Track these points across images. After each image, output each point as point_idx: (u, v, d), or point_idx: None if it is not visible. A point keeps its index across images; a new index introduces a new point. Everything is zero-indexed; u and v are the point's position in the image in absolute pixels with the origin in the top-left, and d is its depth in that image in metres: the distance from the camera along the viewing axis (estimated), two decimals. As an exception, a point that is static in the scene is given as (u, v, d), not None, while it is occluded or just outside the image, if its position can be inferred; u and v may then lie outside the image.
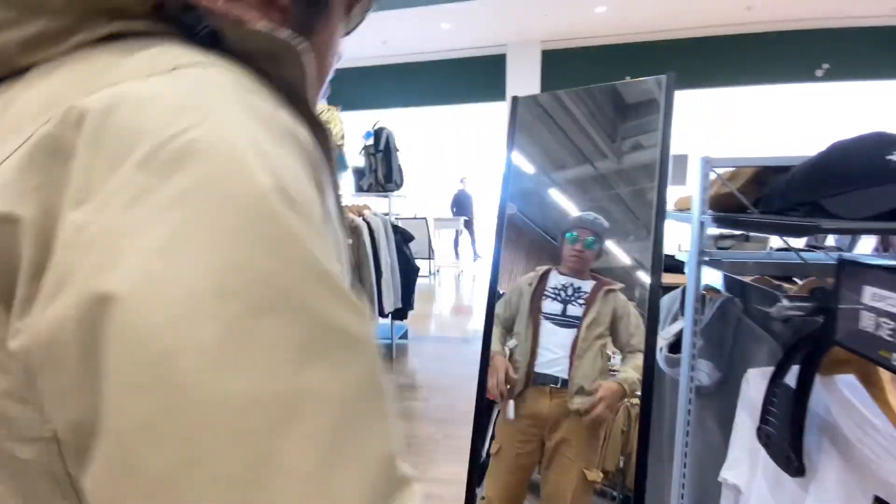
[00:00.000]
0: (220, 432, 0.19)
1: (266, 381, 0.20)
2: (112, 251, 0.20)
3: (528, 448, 1.46)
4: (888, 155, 0.62)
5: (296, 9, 0.37)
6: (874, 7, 4.99)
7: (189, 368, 0.19)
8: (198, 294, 0.20)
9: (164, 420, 0.19)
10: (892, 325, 0.49)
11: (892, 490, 0.57)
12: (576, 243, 1.33)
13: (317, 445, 0.20)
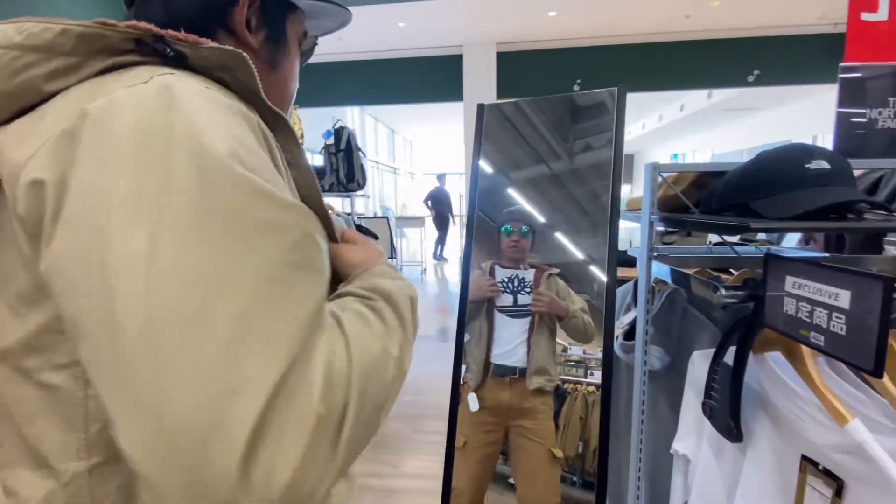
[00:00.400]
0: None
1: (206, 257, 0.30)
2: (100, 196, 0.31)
3: (492, 438, 1.53)
4: (807, 164, 0.72)
5: (264, 49, 0.49)
6: (800, 16, 5.44)
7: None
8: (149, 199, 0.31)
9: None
10: (809, 308, 0.59)
11: (815, 448, 0.68)
12: (511, 234, 1.44)
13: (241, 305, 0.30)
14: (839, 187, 0.69)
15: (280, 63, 0.52)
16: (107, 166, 0.31)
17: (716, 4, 5.14)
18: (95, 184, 0.31)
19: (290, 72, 0.54)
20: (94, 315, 0.29)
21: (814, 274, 0.57)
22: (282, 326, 0.31)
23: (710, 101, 8.20)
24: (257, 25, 0.48)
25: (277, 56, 0.51)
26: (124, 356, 0.28)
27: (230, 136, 0.34)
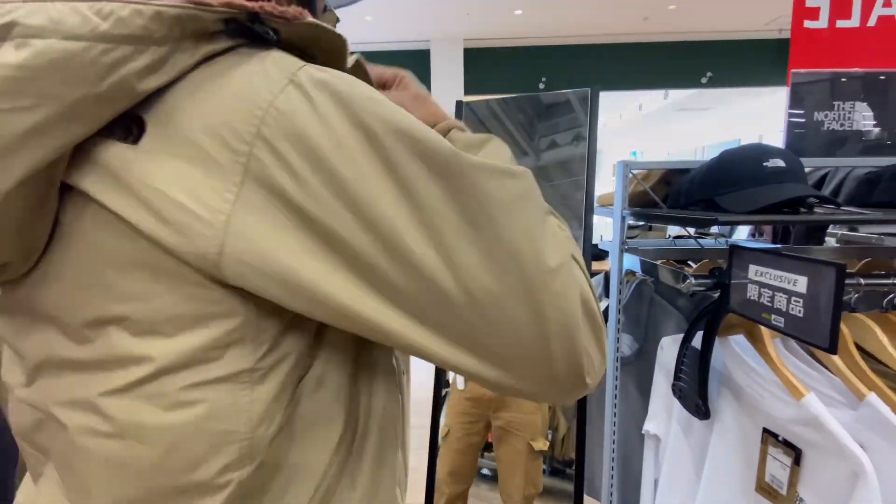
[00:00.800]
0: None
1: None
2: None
3: (474, 429, 1.56)
4: (765, 162, 0.79)
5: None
6: (750, 22, 5.76)
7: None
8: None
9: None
10: (770, 293, 0.65)
11: (775, 421, 0.74)
12: None
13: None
14: (793, 184, 0.76)
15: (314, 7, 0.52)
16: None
17: (672, 7, 5.37)
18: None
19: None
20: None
21: (774, 262, 0.63)
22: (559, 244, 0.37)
23: (667, 101, 8.56)
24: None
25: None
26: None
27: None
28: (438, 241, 0.32)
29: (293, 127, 0.31)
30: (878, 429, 0.64)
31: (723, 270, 0.74)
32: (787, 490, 0.70)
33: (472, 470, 1.61)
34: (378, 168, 0.32)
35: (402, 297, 0.33)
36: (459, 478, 1.58)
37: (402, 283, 0.33)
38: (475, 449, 1.59)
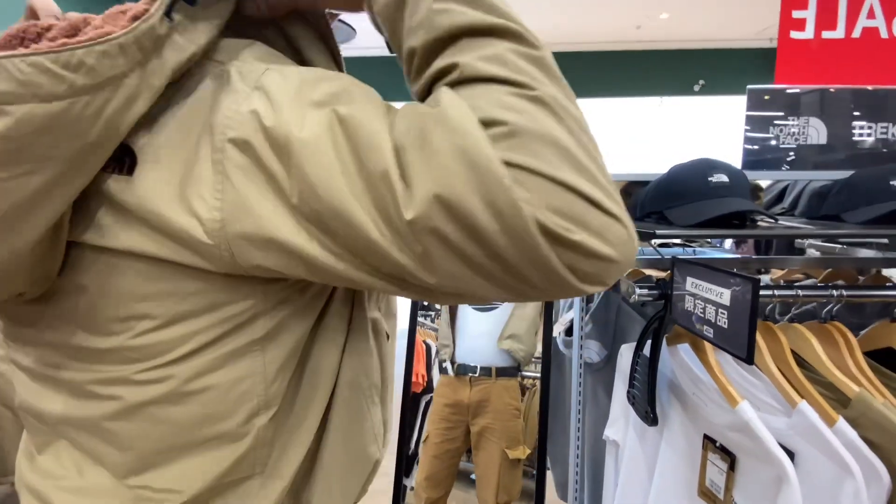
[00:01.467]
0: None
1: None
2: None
3: (452, 434, 1.57)
4: (709, 177, 0.82)
5: None
6: (742, 31, 5.82)
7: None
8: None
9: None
10: (703, 305, 0.67)
11: (713, 427, 0.77)
12: None
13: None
14: (736, 198, 0.78)
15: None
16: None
17: (664, 17, 5.43)
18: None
19: None
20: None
21: (706, 275, 0.65)
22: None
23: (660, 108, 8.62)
24: None
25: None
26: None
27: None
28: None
29: (256, 125, 0.34)
30: (808, 436, 0.67)
31: (666, 282, 0.77)
32: (723, 494, 0.72)
33: (449, 476, 1.62)
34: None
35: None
36: (436, 483, 1.59)
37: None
38: (453, 455, 1.61)
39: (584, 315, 1.15)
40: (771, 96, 1.04)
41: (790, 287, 0.73)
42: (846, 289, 0.72)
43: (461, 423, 1.58)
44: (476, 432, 1.56)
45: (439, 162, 0.30)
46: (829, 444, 0.64)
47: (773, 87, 1.04)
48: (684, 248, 1.40)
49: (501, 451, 1.52)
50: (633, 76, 6.34)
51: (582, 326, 1.14)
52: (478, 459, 1.58)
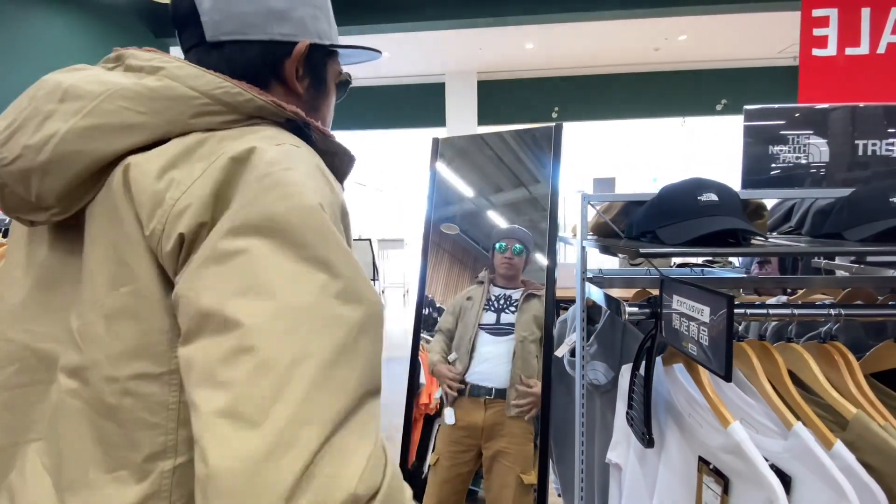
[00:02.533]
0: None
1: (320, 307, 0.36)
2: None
3: (464, 458, 1.54)
4: (699, 196, 0.82)
5: (307, 94, 0.55)
6: (763, 50, 5.78)
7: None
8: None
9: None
10: (688, 322, 0.67)
11: (707, 449, 0.75)
12: (505, 252, 1.47)
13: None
14: (726, 217, 0.78)
15: (321, 105, 0.58)
16: (244, 211, 0.38)
17: (682, 38, 5.44)
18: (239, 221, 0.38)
19: (328, 111, 0.61)
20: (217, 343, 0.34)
21: (688, 293, 0.66)
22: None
23: (684, 128, 8.54)
24: (303, 74, 0.54)
25: (319, 100, 0.57)
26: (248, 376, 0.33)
27: (329, 206, 0.41)
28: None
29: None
30: (804, 458, 0.65)
31: (656, 300, 0.77)
32: (719, 519, 0.70)
33: (459, 501, 1.59)
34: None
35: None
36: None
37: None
38: (463, 479, 1.57)
39: (584, 336, 1.14)
40: (768, 115, 1.04)
41: (762, 306, 0.72)
42: (839, 308, 0.71)
43: (473, 447, 1.54)
44: (489, 456, 1.52)
45: None
46: (825, 468, 0.62)
47: (771, 107, 1.04)
48: (692, 268, 1.39)
49: (516, 476, 1.48)
50: (654, 97, 6.33)
51: (584, 347, 1.13)
52: (490, 484, 1.54)
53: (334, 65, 0.58)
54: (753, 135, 1.05)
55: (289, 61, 0.52)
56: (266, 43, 0.51)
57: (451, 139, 1.48)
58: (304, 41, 0.52)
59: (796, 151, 1.03)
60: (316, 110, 0.57)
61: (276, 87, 0.53)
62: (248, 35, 0.50)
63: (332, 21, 0.57)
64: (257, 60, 0.51)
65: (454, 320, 1.57)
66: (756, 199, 1.09)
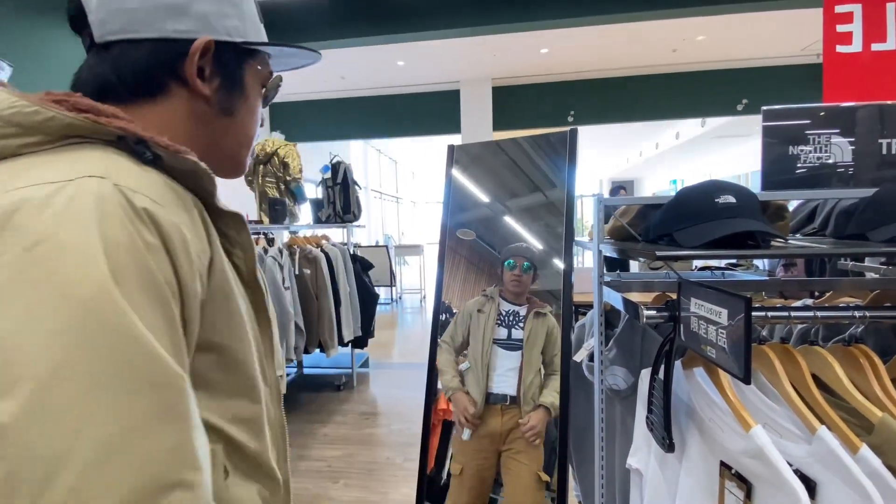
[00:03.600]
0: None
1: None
2: None
3: (487, 464, 1.59)
4: (717, 198, 0.82)
5: (218, 96, 0.50)
6: (784, 48, 5.66)
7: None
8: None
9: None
10: (706, 325, 0.67)
11: (729, 454, 0.74)
12: (514, 269, 1.52)
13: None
14: (744, 219, 0.78)
15: (236, 108, 0.52)
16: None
17: (700, 38, 5.37)
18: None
19: (250, 114, 0.55)
20: None
21: (706, 295, 0.65)
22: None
23: (704, 129, 8.40)
24: (211, 74, 0.49)
25: (233, 102, 0.51)
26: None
27: (125, 274, 0.34)
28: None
29: None
30: (828, 462, 0.64)
31: (675, 303, 0.77)
32: (742, 525, 0.69)
33: (486, 499, 1.63)
34: None
35: None
36: None
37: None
38: (488, 484, 1.61)
39: (603, 341, 1.14)
40: (788, 115, 1.03)
41: (783, 309, 0.71)
42: (863, 310, 0.69)
43: (494, 452, 1.59)
44: (507, 456, 1.57)
45: None
46: (851, 472, 0.61)
47: (790, 107, 1.03)
48: (713, 272, 1.37)
49: (534, 474, 1.52)
50: (672, 98, 6.26)
51: (603, 352, 1.13)
52: (508, 484, 1.57)
53: (256, 66, 0.53)
54: (773, 135, 1.03)
55: (188, 60, 0.46)
56: (158, 41, 0.46)
57: (467, 146, 1.50)
58: (204, 38, 0.47)
59: (818, 151, 1.02)
60: (230, 114, 0.51)
61: (176, 90, 0.47)
62: (139, 33, 0.45)
63: (254, 19, 0.53)
64: (148, 61, 0.46)
65: (463, 332, 1.62)
66: (777, 201, 1.07)
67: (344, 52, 5.19)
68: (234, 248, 0.49)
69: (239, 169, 0.56)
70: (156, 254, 0.36)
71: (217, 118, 0.51)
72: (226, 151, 0.53)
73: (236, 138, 0.54)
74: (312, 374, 3.92)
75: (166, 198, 0.40)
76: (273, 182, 3.57)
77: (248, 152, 0.57)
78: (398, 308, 7.40)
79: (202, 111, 0.49)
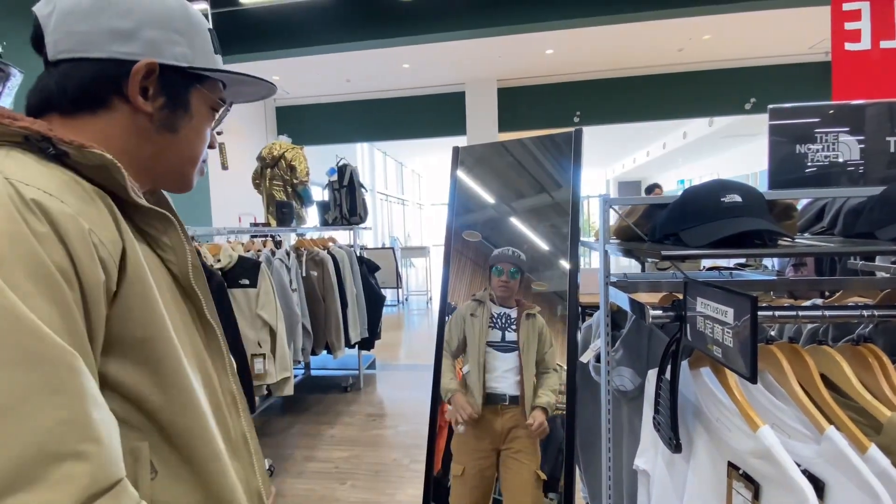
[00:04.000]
0: None
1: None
2: None
3: (487, 463, 1.60)
4: (722, 197, 0.82)
5: (161, 114, 0.53)
6: (793, 47, 5.62)
7: None
8: None
9: None
10: (712, 324, 0.67)
11: (737, 454, 0.74)
12: (501, 275, 1.55)
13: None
14: (750, 218, 0.78)
15: (179, 126, 0.55)
16: None
17: (706, 38, 5.34)
18: None
19: (196, 134, 0.57)
20: None
21: (713, 295, 0.65)
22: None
23: (712, 128, 8.35)
24: (155, 93, 0.52)
25: (176, 121, 0.55)
26: None
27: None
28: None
29: None
30: (838, 464, 0.63)
31: (681, 302, 0.77)
32: (750, 526, 0.69)
33: (488, 497, 1.64)
34: None
35: None
36: None
37: None
38: (490, 482, 1.62)
39: (609, 341, 1.14)
40: (795, 113, 1.02)
41: (791, 308, 0.71)
42: (872, 309, 0.69)
43: (494, 452, 1.60)
44: (506, 455, 1.58)
45: None
46: (859, 472, 0.60)
47: (797, 106, 1.03)
48: (720, 272, 1.36)
49: (533, 473, 1.53)
50: (679, 98, 6.22)
51: (609, 353, 1.13)
52: (507, 482, 1.58)
53: (205, 91, 0.57)
54: (780, 134, 1.03)
55: (130, 79, 0.50)
56: (103, 61, 0.49)
57: (472, 147, 1.50)
58: (145, 60, 0.50)
59: (826, 150, 1.01)
60: (174, 131, 0.55)
61: (119, 105, 0.51)
62: (87, 53, 0.49)
63: (206, 48, 0.56)
64: (93, 77, 0.49)
65: (458, 335, 1.64)
66: (785, 200, 1.06)
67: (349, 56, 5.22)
68: (163, 251, 0.52)
69: (184, 183, 0.59)
70: (46, 241, 0.38)
71: (159, 134, 0.53)
72: (168, 166, 0.56)
73: (179, 155, 0.57)
74: (319, 376, 3.93)
75: (63, 189, 0.42)
76: (280, 185, 3.60)
77: (195, 170, 0.59)
78: (405, 310, 7.41)
79: (144, 126, 0.52)
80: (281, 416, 3.17)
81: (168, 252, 0.52)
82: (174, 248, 0.52)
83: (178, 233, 0.52)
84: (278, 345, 2.38)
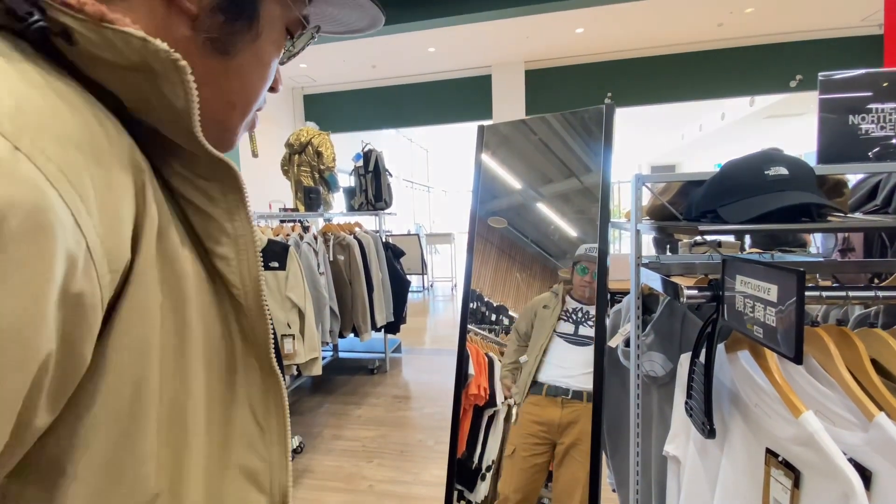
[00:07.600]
0: None
1: None
2: None
3: (539, 449, 1.60)
4: (766, 170, 0.77)
5: (210, 21, 0.32)
6: (842, 19, 5.26)
7: None
8: None
9: None
10: (752, 303, 0.63)
11: (776, 441, 0.70)
12: (586, 274, 1.49)
13: None
14: (796, 192, 0.72)
15: (237, 47, 0.35)
16: None
17: (749, 11, 5.05)
18: None
19: (258, 63, 0.37)
20: None
21: (753, 271, 0.61)
22: None
23: (753, 108, 7.95)
24: None
25: (233, 37, 0.34)
26: None
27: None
28: None
29: None
30: (887, 451, 0.59)
31: (718, 282, 0.73)
32: (789, 514, 0.65)
33: (537, 488, 1.63)
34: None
35: None
36: (525, 494, 1.61)
37: None
38: (539, 469, 1.62)
39: (640, 325, 1.10)
40: (847, 82, 0.95)
41: (841, 288, 0.66)
42: (933, 288, 0.63)
43: (549, 441, 1.60)
44: (563, 449, 1.57)
45: None
46: (913, 462, 0.56)
47: (850, 74, 0.95)
48: (761, 254, 1.30)
49: (587, 469, 1.51)
50: (719, 76, 5.93)
51: (640, 337, 1.09)
52: (561, 475, 1.57)
53: (287, 4, 0.37)
54: (831, 106, 0.96)
55: None
56: None
57: (497, 125, 1.46)
58: None
59: (881, 121, 0.94)
60: (225, 52, 0.34)
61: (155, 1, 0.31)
62: None
63: None
64: None
65: (526, 325, 1.64)
66: (835, 176, 1.00)
67: (375, 41, 5.20)
68: (218, 245, 0.33)
69: (226, 138, 0.38)
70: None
71: (203, 55, 0.33)
72: (208, 108, 0.33)
73: (229, 91, 0.36)
74: (347, 358, 4.01)
75: (46, 127, 0.22)
76: (308, 171, 3.64)
77: (242, 120, 0.38)
78: (430, 296, 7.45)
79: (181, 37, 0.32)
80: (311, 395, 3.26)
81: (226, 247, 0.33)
82: (236, 240, 0.33)
83: (245, 214, 0.33)
84: (307, 326, 2.43)
